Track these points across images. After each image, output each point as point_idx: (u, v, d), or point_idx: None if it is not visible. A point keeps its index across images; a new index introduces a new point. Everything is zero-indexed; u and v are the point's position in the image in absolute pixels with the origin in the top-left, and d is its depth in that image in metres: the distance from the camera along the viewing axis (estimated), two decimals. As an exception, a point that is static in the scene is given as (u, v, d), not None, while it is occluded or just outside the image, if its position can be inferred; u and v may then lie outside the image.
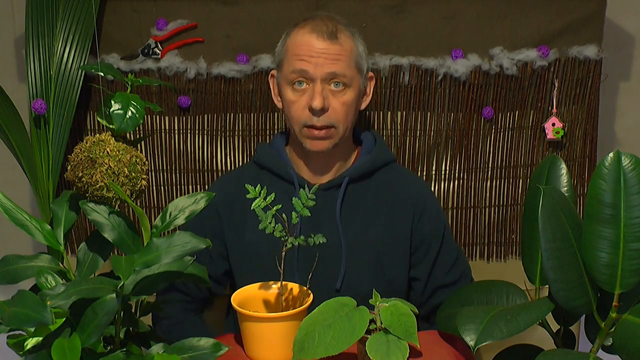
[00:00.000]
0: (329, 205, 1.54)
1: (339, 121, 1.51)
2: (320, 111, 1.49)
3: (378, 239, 1.54)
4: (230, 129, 1.83)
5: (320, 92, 1.48)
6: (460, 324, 1.21)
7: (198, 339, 1.09)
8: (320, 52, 1.48)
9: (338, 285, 1.52)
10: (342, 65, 1.49)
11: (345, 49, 1.50)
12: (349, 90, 1.51)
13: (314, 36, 1.49)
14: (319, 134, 1.51)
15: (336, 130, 1.51)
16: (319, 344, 1.17)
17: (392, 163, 1.63)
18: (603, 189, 1.16)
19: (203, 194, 1.16)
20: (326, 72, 1.48)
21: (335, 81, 1.49)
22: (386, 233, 1.55)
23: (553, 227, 1.18)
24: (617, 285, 1.18)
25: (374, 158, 1.58)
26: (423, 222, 1.57)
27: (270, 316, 1.25)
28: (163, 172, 1.86)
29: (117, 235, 1.10)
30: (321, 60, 1.48)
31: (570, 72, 1.80)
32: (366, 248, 1.54)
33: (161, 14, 1.75)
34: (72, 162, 1.15)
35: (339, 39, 1.50)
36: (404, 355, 1.17)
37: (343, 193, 1.54)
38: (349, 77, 1.50)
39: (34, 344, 1.01)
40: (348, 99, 1.51)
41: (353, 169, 1.57)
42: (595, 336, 1.27)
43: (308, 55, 1.48)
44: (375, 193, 1.57)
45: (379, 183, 1.58)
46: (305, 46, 1.49)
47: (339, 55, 1.49)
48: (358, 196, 1.56)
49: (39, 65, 1.70)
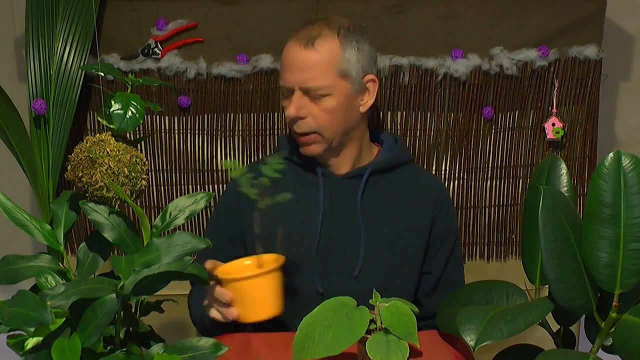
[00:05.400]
0: (351, 194, 1.55)
1: (323, 127, 1.50)
2: (295, 119, 1.50)
3: (397, 230, 1.55)
4: (230, 129, 1.83)
5: (295, 102, 1.49)
6: (460, 324, 1.21)
7: (198, 339, 1.10)
8: (294, 61, 1.48)
9: (356, 273, 1.53)
10: (314, 74, 1.47)
11: (323, 56, 1.48)
12: (329, 98, 1.49)
13: (292, 45, 1.50)
14: (304, 139, 1.52)
15: (321, 135, 1.51)
16: (319, 344, 1.17)
17: (411, 163, 1.65)
18: (603, 189, 1.16)
19: (203, 194, 1.16)
20: (299, 84, 1.48)
21: (310, 92, 1.49)
22: (405, 226, 1.56)
23: (553, 227, 1.18)
24: (617, 285, 1.18)
25: (396, 154, 1.60)
26: (441, 218, 1.60)
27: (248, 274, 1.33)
28: (163, 172, 1.86)
29: (117, 235, 1.10)
30: (296, 70, 1.48)
31: (570, 72, 1.80)
32: (385, 238, 1.55)
33: (161, 14, 1.75)
34: (72, 162, 1.15)
35: (317, 46, 1.47)
36: (404, 355, 1.17)
37: (365, 183, 1.55)
38: (324, 86, 1.48)
39: (34, 344, 1.01)
40: (329, 105, 1.49)
41: (376, 162, 1.58)
42: (595, 336, 1.27)
43: (287, 65, 1.50)
44: (396, 187, 1.58)
45: (400, 178, 1.60)
46: (285, 56, 1.51)
47: (314, 65, 1.47)
48: (379, 188, 1.57)
49: (39, 65, 1.70)
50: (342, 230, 1.54)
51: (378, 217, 1.56)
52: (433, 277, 1.60)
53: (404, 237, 1.56)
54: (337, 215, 1.54)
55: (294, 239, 1.52)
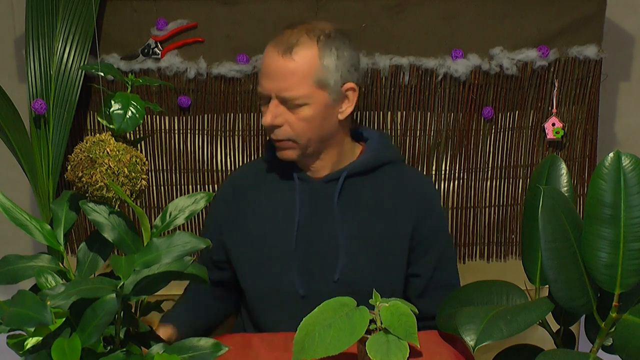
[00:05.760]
0: (328, 198, 1.54)
1: (299, 135, 1.49)
2: (272, 127, 1.49)
3: (377, 233, 1.53)
4: (230, 129, 1.83)
5: (271, 110, 1.48)
6: (460, 324, 1.21)
7: (198, 339, 1.10)
8: (271, 69, 1.47)
9: (336, 277, 1.51)
10: (291, 84, 1.46)
11: (300, 65, 1.46)
12: (306, 107, 1.48)
13: (271, 51, 1.48)
14: (280, 145, 1.51)
15: (297, 143, 1.50)
16: (319, 344, 1.17)
17: (399, 162, 1.62)
18: (603, 189, 1.16)
19: (203, 194, 1.16)
20: (276, 93, 1.47)
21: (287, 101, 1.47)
22: (386, 228, 1.54)
23: (553, 227, 1.18)
24: (617, 285, 1.18)
25: (375, 156, 1.58)
26: (426, 220, 1.57)
27: None
28: (163, 172, 1.86)
29: (117, 235, 1.10)
30: (272, 78, 1.47)
31: (570, 72, 1.80)
32: (365, 241, 1.53)
33: (161, 14, 1.75)
34: (72, 162, 1.15)
35: (294, 54, 1.46)
36: (404, 355, 1.17)
37: (340, 186, 1.53)
38: (301, 96, 1.46)
39: (34, 344, 1.01)
40: (306, 115, 1.48)
41: (352, 165, 1.56)
42: (595, 336, 1.27)
43: (264, 72, 1.49)
44: (376, 189, 1.56)
45: (381, 180, 1.57)
46: (265, 63, 1.49)
47: (291, 75, 1.46)
48: (358, 191, 1.55)
49: (39, 65, 1.70)
50: (321, 234, 1.53)
51: (357, 219, 1.54)
52: (422, 280, 1.58)
53: (384, 239, 1.54)
54: (314, 219, 1.53)
55: (272, 244, 1.53)
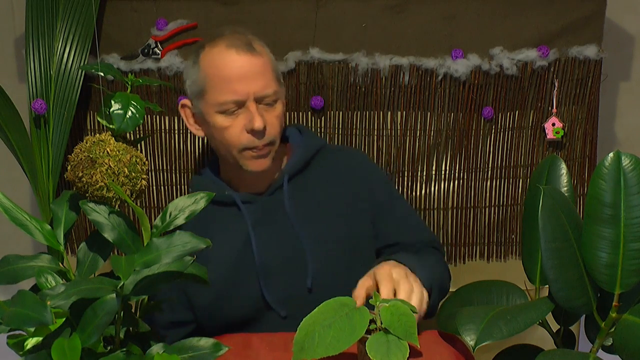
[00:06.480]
0: (279, 207, 1.50)
1: (276, 136, 1.48)
2: (263, 131, 1.44)
3: (338, 222, 1.50)
4: (230, 129, 1.83)
5: (258, 112, 1.43)
6: (460, 324, 1.21)
7: (198, 339, 1.09)
8: (243, 70, 1.42)
9: (309, 284, 1.48)
10: (268, 80, 1.44)
11: (266, 60, 1.46)
12: (279, 103, 1.48)
13: (232, 52, 1.43)
14: (261, 152, 1.46)
15: (274, 145, 1.48)
16: (319, 344, 1.17)
17: (324, 147, 1.59)
18: (603, 189, 1.16)
19: (203, 194, 1.16)
20: (256, 93, 1.43)
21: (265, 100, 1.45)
22: (344, 214, 1.51)
23: (553, 227, 1.18)
24: (617, 285, 1.18)
25: (305, 149, 1.55)
26: (374, 189, 1.55)
27: None
28: (163, 172, 1.86)
29: (117, 235, 1.10)
30: (248, 79, 1.42)
31: (570, 72, 1.80)
32: (329, 235, 1.49)
33: (161, 14, 1.75)
34: (72, 162, 1.15)
35: (257, 50, 1.45)
36: (404, 355, 1.17)
37: (287, 191, 1.50)
38: (275, 91, 1.45)
39: (34, 344, 1.01)
40: (279, 111, 1.47)
41: (289, 166, 1.53)
42: (595, 336, 1.27)
43: (235, 76, 1.42)
44: (319, 180, 1.53)
45: (319, 170, 1.55)
46: (228, 67, 1.42)
47: (264, 71, 1.44)
48: (303, 189, 1.52)
49: (39, 65, 1.70)
50: (284, 249, 1.48)
51: (315, 217, 1.50)
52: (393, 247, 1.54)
53: (347, 225, 1.50)
54: (273, 236, 1.48)
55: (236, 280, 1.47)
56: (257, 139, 1.44)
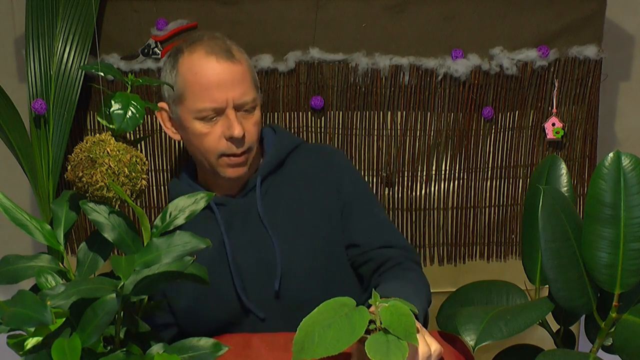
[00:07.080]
0: (252, 208, 1.50)
1: (254, 142, 1.48)
2: (242, 139, 1.44)
3: (309, 223, 1.49)
4: (230, 129, 1.83)
5: (237, 120, 1.42)
6: (460, 324, 1.21)
7: (198, 339, 1.09)
8: (222, 77, 1.41)
9: (276, 286, 1.47)
10: (247, 87, 1.44)
11: (245, 67, 1.45)
12: (257, 110, 1.47)
13: (212, 59, 1.42)
14: (239, 160, 1.46)
15: (252, 152, 1.48)
16: (319, 344, 1.17)
17: (300, 146, 1.58)
18: (603, 189, 1.16)
19: (203, 193, 1.16)
20: (235, 100, 1.42)
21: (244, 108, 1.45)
22: (316, 214, 1.50)
23: (553, 227, 1.18)
24: (617, 285, 1.18)
25: (277, 149, 1.54)
26: (344, 187, 1.53)
27: None
28: (163, 172, 1.86)
29: (117, 235, 1.10)
30: (227, 86, 1.41)
31: (570, 72, 1.80)
32: (299, 236, 1.48)
33: (161, 14, 1.75)
34: (72, 162, 1.15)
35: (236, 56, 1.44)
36: (403, 355, 1.17)
37: (260, 192, 1.50)
38: (254, 98, 1.45)
39: (34, 344, 1.01)
40: (257, 118, 1.47)
41: (262, 167, 1.52)
42: (595, 336, 1.27)
43: (214, 83, 1.41)
44: (291, 179, 1.53)
45: (292, 169, 1.54)
46: (207, 75, 1.41)
47: (243, 78, 1.43)
48: (276, 189, 1.52)
49: (39, 65, 1.70)
50: (257, 250, 1.47)
51: (286, 218, 1.49)
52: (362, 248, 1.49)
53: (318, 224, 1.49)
54: (246, 237, 1.48)
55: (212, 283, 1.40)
56: (236, 146, 1.44)
